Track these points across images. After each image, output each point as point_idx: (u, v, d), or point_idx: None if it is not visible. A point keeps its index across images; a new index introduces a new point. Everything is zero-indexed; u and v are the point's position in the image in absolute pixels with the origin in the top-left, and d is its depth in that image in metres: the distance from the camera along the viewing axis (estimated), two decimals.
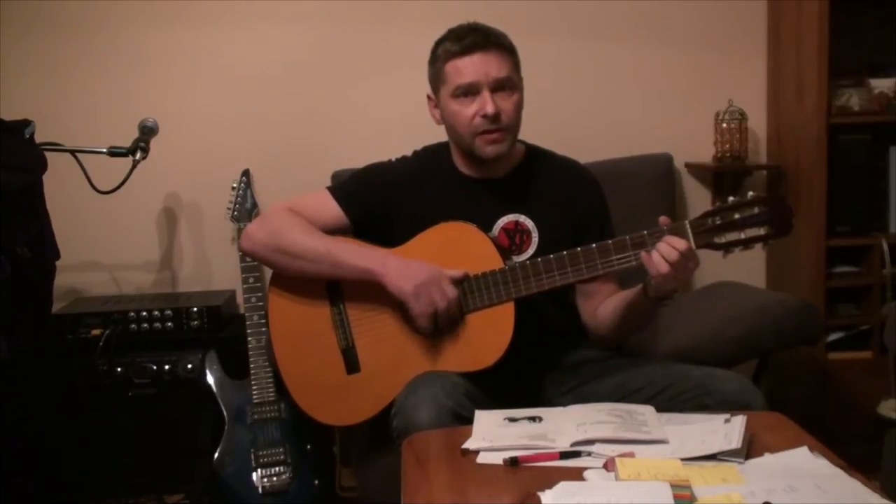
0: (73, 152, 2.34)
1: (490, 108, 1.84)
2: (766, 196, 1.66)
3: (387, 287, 1.83)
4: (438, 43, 1.92)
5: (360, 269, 1.86)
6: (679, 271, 1.66)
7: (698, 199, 2.93)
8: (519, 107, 1.91)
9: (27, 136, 2.12)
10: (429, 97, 1.98)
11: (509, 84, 1.87)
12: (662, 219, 1.70)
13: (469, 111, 1.86)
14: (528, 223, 1.95)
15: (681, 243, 1.65)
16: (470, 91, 1.86)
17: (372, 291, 1.88)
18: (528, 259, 1.84)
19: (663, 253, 1.66)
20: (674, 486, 1.28)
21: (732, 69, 2.91)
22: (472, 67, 1.85)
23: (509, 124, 1.88)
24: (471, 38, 1.85)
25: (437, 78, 1.92)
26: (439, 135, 2.00)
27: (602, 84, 2.89)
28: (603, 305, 1.93)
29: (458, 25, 1.92)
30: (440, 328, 1.84)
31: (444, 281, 1.81)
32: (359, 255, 1.87)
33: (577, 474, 1.39)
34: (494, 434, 1.55)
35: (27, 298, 2.05)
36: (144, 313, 2.56)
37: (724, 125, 2.80)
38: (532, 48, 1.90)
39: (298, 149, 2.83)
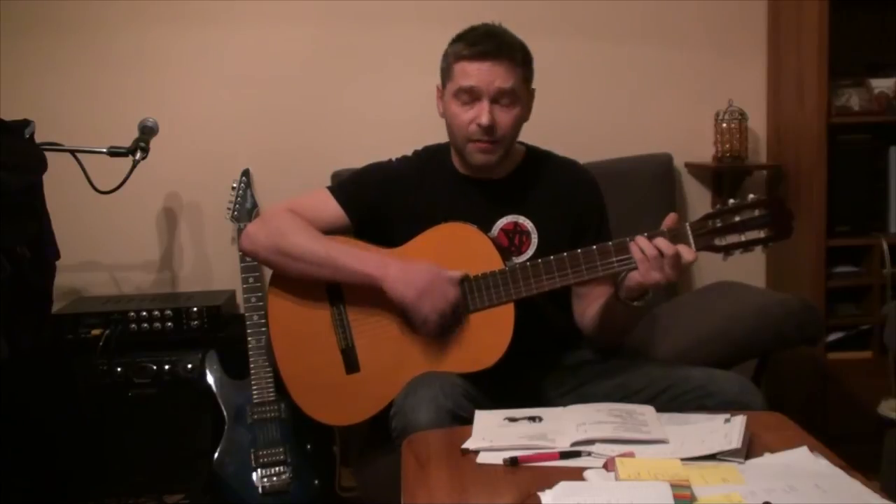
0: (73, 152, 2.33)
1: (485, 120, 1.83)
2: (767, 199, 1.66)
3: (388, 294, 1.83)
4: (455, 39, 1.90)
5: (361, 275, 1.85)
6: (654, 268, 1.66)
7: (698, 199, 2.93)
8: (518, 120, 1.89)
9: (27, 136, 2.12)
10: (438, 87, 1.96)
11: (511, 96, 1.85)
12: (671, 216, 1.70)
13: (466, 116, 1.86)
14: (528, 224, 1.95)
15: (667, 247, 1.65)
16: (471, 95, 1.85)
17: (372, 292, 1.87)
18: (527, 260, 1.84)
19: (642, 247, 1.66)
20: (674, 486, 1.28)
21: (732, 69, 2.91)
22: (477, 74, 1.83)
23: (503, 136, 1.87)
24: (483, 46, 1.83)
25: (444, 73, 1.92)
26: (439, 135, 2.00)
27: (602, 84, 2.90)
28: (591, 308, 1.93)
29: (478, 26, 1.90)
30: (445, 330, 1.84)
31: (444, 284, 1.80)
32: (359, 260, 1.86)
33: (577, 474, 1.39)
34: (494, 434, 1.55)
35: (27, 298, 2.05)
36: (144, 313, 2.56)
37: (724, 125, 2.80)
38: (532, 48, 1.90)
39: (298, 149, 2.83)
